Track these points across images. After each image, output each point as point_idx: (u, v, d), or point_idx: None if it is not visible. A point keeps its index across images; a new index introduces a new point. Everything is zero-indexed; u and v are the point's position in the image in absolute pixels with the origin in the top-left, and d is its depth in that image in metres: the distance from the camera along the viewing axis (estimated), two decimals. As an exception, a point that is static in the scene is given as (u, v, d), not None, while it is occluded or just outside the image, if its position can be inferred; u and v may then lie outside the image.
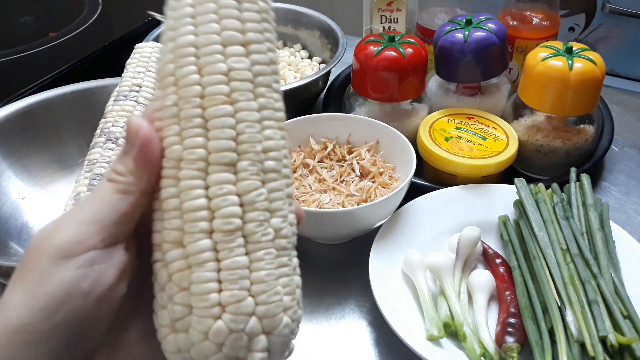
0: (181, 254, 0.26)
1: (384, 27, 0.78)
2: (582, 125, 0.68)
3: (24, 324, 0.24)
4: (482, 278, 0.55)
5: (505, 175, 0.67)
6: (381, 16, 0.77)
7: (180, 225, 0.27)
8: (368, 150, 0.66)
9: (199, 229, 0.26)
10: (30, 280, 0.24)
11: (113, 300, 0.26)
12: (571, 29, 0.99)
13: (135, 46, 0.65)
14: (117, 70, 0.69)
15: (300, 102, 0.80)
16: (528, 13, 0.75)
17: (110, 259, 0.26)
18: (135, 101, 0.59)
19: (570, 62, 0.63)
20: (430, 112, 0.72)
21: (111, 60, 0.85)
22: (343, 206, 0.60)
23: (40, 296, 0.24)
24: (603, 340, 0.46)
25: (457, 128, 0.68)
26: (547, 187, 0.61)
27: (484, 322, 0.52)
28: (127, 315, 0.28)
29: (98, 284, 0.25)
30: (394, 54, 0.67)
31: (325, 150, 0.67)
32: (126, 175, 0.26)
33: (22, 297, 0.24)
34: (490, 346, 0.49)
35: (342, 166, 0.66)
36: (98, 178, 0.53)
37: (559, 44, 0.66)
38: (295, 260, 0.29)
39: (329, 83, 0.83)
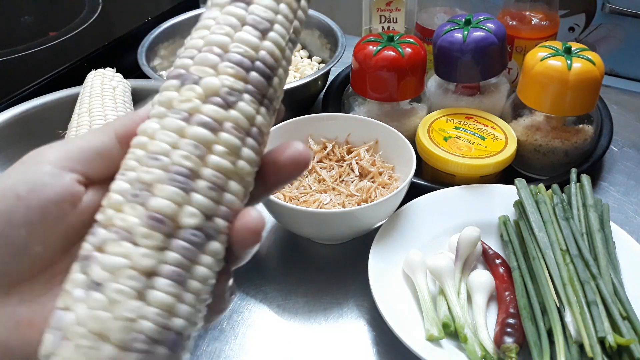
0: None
1: (383, 27, 0.78)
2: (581, 125, 0.68)
3: None
4: (482, 278, 0.55)
5: (504, 175, 0.67)
6: (380, 16, 0.77)
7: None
8: (367, 150, 0.66)
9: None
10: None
11: (46, 223, 0.25)
12: (571, 29, 0.98)
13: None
14: (117, 70, 0.69)
15: (299, 101, 0.80)
16: (527, 13, 0.75)
17: (60, 179, 0.25)
18: None
19: (569, 62, 0.63)
20: (429, 112, 0.72)
21: (111, 60, 0.85)
22: (344, 206, 0.60)
23: None
24: (601, 341, 0.46)
25: (456, 128, 0.68)
26: (547, 188, 0.61)
27: (483, 323, 0.52)
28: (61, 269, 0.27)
29: (33, 193, 0.25)
30: (393, 53, 0.67)
31: (325, 150, 0.67)
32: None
33: None
34: (489, 346, 0.49)
35: (342, 166, 0.66)
36: None
37: (558, 44, 0.66)
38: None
39: (328, 83, 0.83)
